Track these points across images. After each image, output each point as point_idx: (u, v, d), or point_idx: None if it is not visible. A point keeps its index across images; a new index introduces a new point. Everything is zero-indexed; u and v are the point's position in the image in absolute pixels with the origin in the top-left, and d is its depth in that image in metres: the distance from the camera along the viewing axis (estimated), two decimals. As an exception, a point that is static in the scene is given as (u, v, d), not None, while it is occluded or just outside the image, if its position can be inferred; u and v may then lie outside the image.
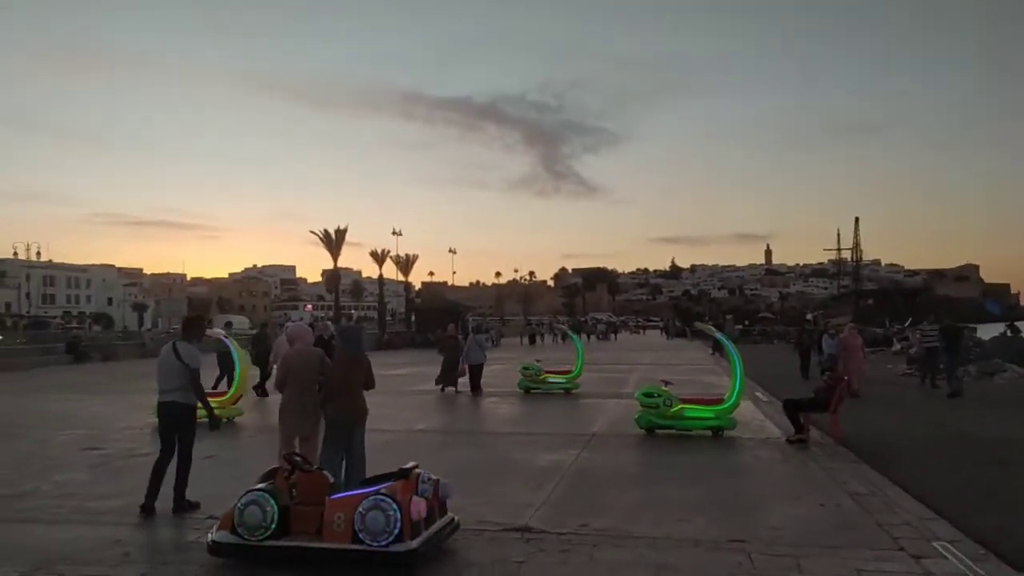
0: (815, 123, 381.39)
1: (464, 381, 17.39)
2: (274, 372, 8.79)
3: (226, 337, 12.92)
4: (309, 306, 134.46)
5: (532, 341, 50.54)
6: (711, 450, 9.87)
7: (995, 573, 5.09)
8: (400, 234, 61.32)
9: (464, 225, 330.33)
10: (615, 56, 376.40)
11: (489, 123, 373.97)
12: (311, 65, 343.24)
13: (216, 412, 12.17)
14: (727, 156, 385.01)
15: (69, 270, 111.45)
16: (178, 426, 6.94)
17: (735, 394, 11.02)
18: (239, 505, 5.12)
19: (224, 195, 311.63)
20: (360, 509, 4.95)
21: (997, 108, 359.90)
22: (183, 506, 6.73)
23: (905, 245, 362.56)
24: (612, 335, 65.58)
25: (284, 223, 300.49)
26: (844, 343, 16.73)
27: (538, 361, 18.40)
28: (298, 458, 5.64)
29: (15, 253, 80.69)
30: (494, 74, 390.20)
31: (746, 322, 72.90)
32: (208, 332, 14.00)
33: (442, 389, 17.65)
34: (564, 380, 17.51)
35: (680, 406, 11.04)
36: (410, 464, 5.45)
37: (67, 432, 11.68)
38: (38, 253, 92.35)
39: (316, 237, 52.04)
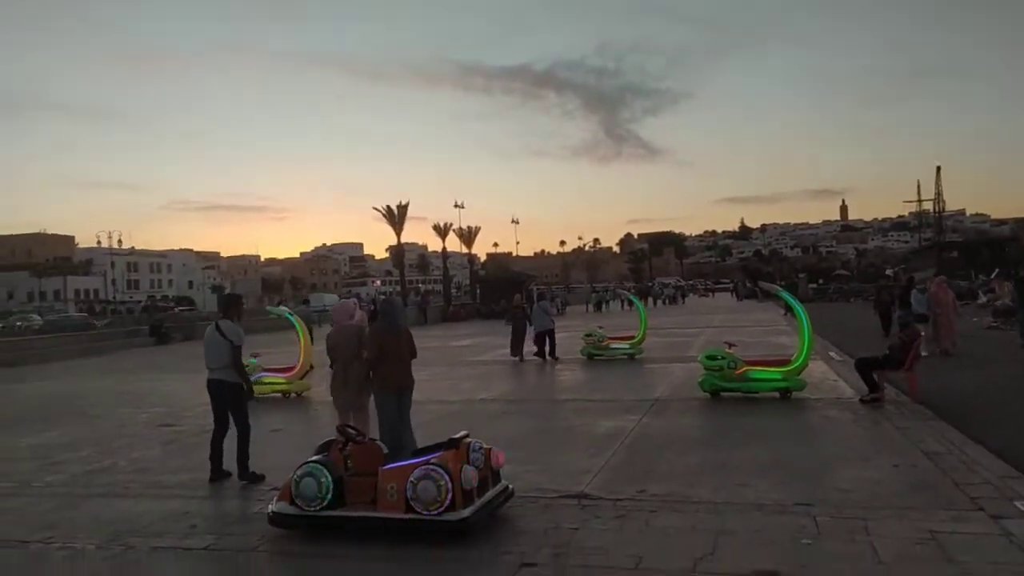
0: (891, 69, 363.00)
1: (530, 350, 17.45)
2: None
3: (290, 314, 13.23)
4: (377, 282, 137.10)
5: (599, 308, 50.20)
6: (778, 412, 9.57)
7: (1084, 535, 4.75)
8: (462, 207, 61.49)
9: (527, 195, 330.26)
10: (673, 14, 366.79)
11: (548, 90, 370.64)
12: (368, 40, 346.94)
13: (287, 388, 12.78)
14: (795, 110, 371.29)
15: (151, 256, 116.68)
16: (227, 402, 7.20)
17: (803, 354, 10.63)
18: (295, 477, 5.22)
19: (291, 176, 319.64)
20: (412, 479, 4.97)
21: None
22: (247, 478, 6.99)
23: (991, 193, 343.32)
24: (680, 299, 64.57)
25: (350, 200, 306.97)
26: (934, 298, 15.66)
27: (600, 328, 18.22)
28: (351, 430, 5.70)
29: (98, 242, 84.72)
30: (551, 41, 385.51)
31: (820, 281, 70.58)
32: (272, 309, 14.62)
33: (519, 359, 17.59)
34: (628, 346, 17.28)
35: (745, 368, 10.74)
36: (460, 433, 5.44)
37: (145, 410, 12.22)
38: (119, 241, 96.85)
39: (380, 214, 52.73)
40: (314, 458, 5.35)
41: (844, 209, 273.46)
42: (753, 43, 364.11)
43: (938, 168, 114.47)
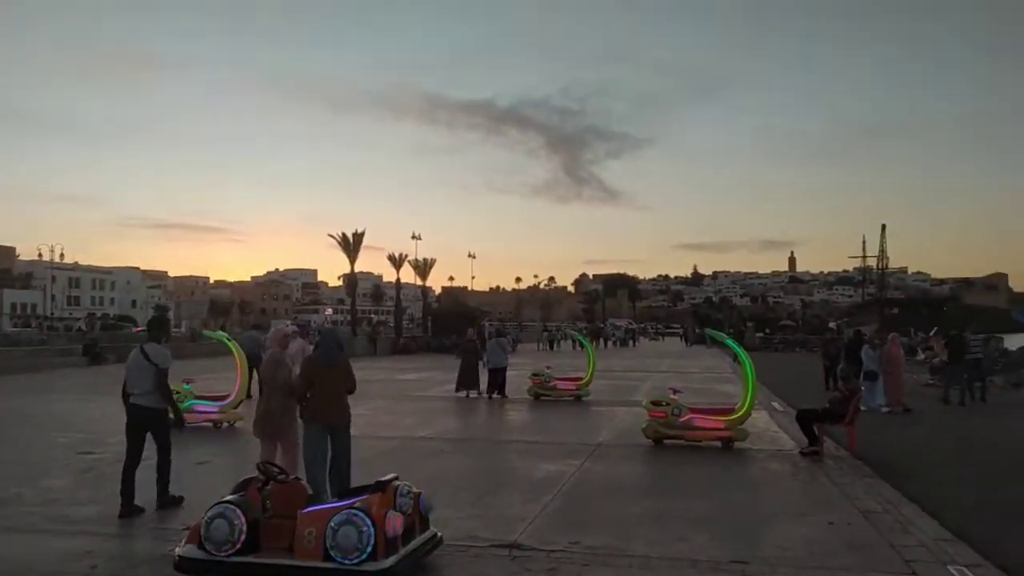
0: (841, 129, 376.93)
1: (482, 386, 17.27)
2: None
3: (229, 340, 12.77)
4: (329, 310, 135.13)
5: (551, 346, 50.16)
6: (719, 462, 9.48)
7: (1016, 603, 4.69)
8: (419, 238, 61.06)
9: (485, 230, 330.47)
10: (639, 61, 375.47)
11: (511, 127, 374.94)
12: (334, 70, 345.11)
13: (219, 418, 12.26)
14: (751, 162, 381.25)
15: (94, 272, 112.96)
16: (148, 429, 6.96)
17: (746, 404, 10.62)
18: (205, 518, 4.87)
19: (248, 199, 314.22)
20: (332, 524, 4.68)
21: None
22: (166, 502, 6.84)
23: (933, 254, 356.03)
24: (631, 342, 65.04)
25: (307, 227, 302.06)
26: (887, 355, 15.41)
27: (548, 368, 18.06)
28: (274, 468, 5.38)
29: (39, 255, 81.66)
30: (516, 78, 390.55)
31: (767, 330, 71.82)
32: (209, 334, 14.14)
33: (463, 394, 17.28)
34: (574, 387, 17.15)
35: (689, 416, 10.67)
36: (388, 476, 5.17)
37: (65, 435, 11.56)
38: (61, 255, 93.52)
39: (335, 241, 52.03)
40: (228, 497, 5.01)
41: (792, 261, 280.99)
42: (712, 94, 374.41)
43: (883, 226, 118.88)
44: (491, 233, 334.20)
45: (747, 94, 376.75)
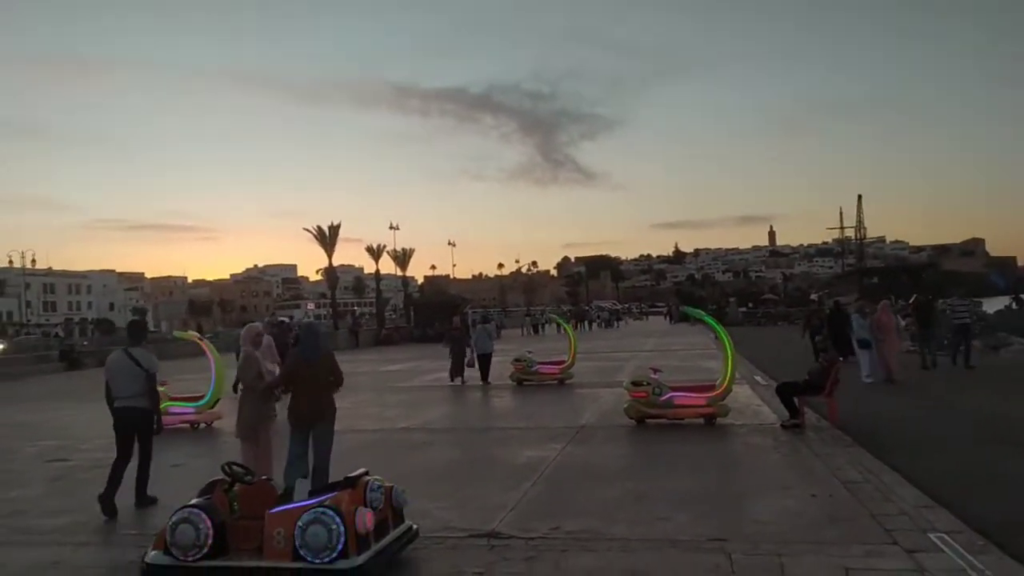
0: (814, 102, 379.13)
1: (471, 373, 17.39)
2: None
3: (201, 339, 12.56)
4: (311, 304, 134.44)
5: (536, 331, 50.16)
6: (701, 439, 9.46)
7: (996, 567, 4.67)
8: (397, 228, 60.81)
9: (464, 217, 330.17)
10: (608, 42, 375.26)
11: (484, 113, 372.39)
12: (303, 61, 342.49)
13: (195, 419, 12.08)
14: (726, 138, 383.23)
15: (69, 277, 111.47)
16: (136, 430, 7.05)
17: (726, 380, 10.59)
18: (170, 524, 4.74)
19: (222, 196, 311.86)
20: (300, 523, 4.56)
21: (1000, 79, 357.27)
22: (144, 502, 7.00)
23: (910, 222, 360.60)
24: (616, 322, 65.24)
25: (284, 222, 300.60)
26: (877, 323, 14.96)
27: (530, 352, 17.98)
28: (239, 468, 5.24)
29: (10, 262, 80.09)
30: (487, 64, 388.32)
31: (750, 304, 72.32)
32: (181, 335, 13.94)
33: (458, 382, 17.53)
34: (557, 371, 17.09)
35: (670, 394, 10.63)
36: (358, 471, 5.06)
37: (37, 443, 11.34)
38: (33, 261, 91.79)
39: (312, 235, 51.57)
40: (193, 501, 4.88)
41: (772, 235, 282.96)
42: (683, 72, 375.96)
43: (859, 196, 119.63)
44: (470, 220, 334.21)
45: (717, 71, 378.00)
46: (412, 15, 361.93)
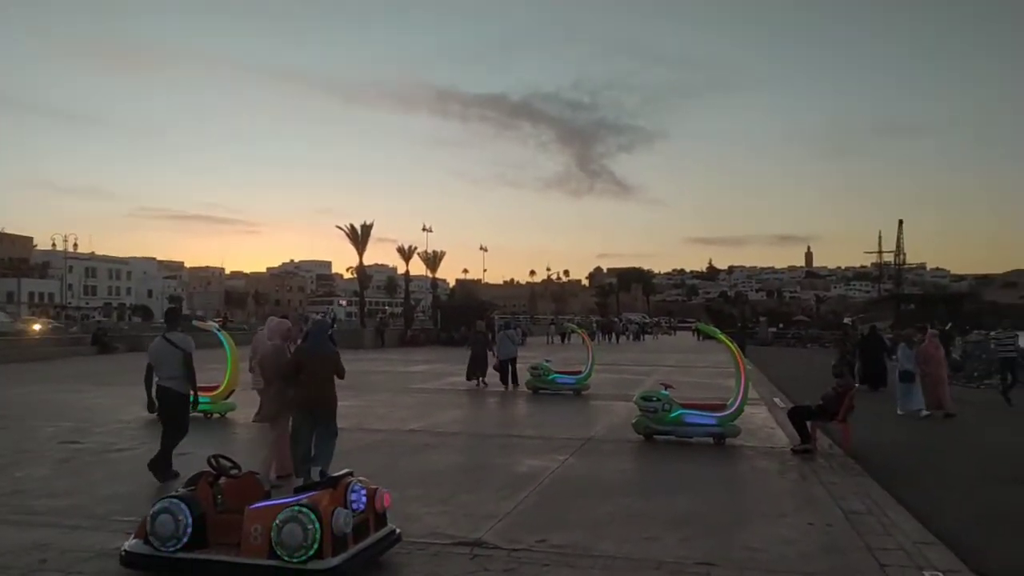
0: (859, 123, 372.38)
1: (493, 377, 17.92)
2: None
3: (218, 330, 12.68)
4: (343, 301, 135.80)
5: (563, 339, 49.85)
6: (706, 459, 9.28)
7: (989, 613, 4.47)
8: (430, 231, 61.17)
9: (498, 223, 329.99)
10: (651, 54, 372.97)
11: (523, 121, 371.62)
12: (347, 62, 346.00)
13: (210, 408, 12.20)
14: (766, 156, 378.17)
15: (110, 262, 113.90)
16: (174, 408, 7.75)
17: (739, 400, 10.39)
18: (151, 513, 4.75)
19: (264, 191, 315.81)
20: (277, 521, 4.54)
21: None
22: (168, 476, 7.56)
23: (952, 249, 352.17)
24: (643, 336, 64.69)
25: (321, 218, 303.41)
26: (924, 354, 14.00)
27: (547, 361, 17.89)
28: (225, 461, 5.25)
29: (53, 244, 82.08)
30: (528, 72, 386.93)
31: (780, 325, 71.28)
32: (200, 324, 14.07)
33: (476, 383, 18.06)
34: (574, 380, 16.97)
35: (680, 411, 10.46)
36: (342, 471, 5.03)
37: (55, 424, 11.54)
38: (75, 244, 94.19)
39: (344, 233, 52.02)
40: (175, 492, 4.89)
41: (809, 256, 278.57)
42: (725, 87, 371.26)
43: (900, 221, 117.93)
44: (504, 226, 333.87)
45: (761, 87, 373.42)
46: (456, 20, 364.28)
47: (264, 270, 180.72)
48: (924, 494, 7.48)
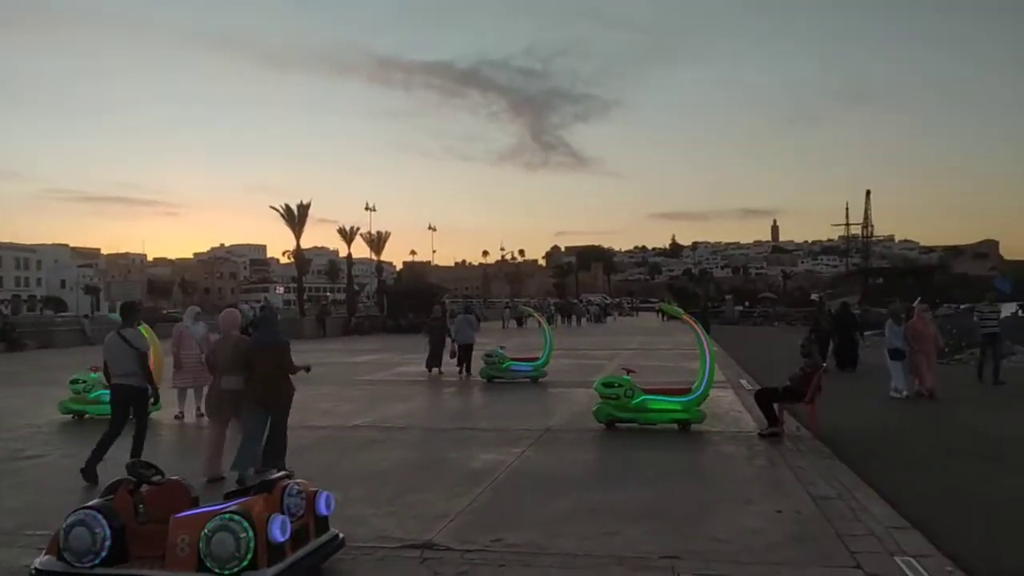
0: (824, 91, 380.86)
1: (450, 365, 18.32)
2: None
3: (139, 323, 12.34)
4: (280, 288, 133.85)
5: (519, 323, 50.06)
6: (671, 447, 9.41)
7: (960, 596, 4.64)
8: (374, 210, 60.48)
9: (448, 200, 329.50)
10: (606, 18, 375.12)
11: (472, 89, 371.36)
12: (278, 26, 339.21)
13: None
14: (729, 126, 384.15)
15: (17, 250, 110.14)
16: (132, 405, 8.02)
17: (704, 383, 10.55)
18: (64, 526, 4.60)
19: (188, 169, 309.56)
20: (206, 530, 4.44)
21: (1020, 76, 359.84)
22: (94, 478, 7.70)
23: (921, 221, 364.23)
24: (604, 317, 65.38)
25: (253, 198, 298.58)
26: (913, 330, 14.12)
27: (502, 347, 17.92)
28: (145, 469, 5.10)
29: (-48, 232, 78.98)
30: (476, 37, 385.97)
31: (746, 303, 72.75)
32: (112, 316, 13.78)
33: (431, 371, 18.66)
34: (530, 367, 17.04)
35: (643, 397, 10.58)
36: (278, 474, 4.94)
37: (-45, 431, 11.12)
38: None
39: (279, 214, 51.15)
40: (91, 503, 4.75)
41: (775, 230, 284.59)
42: (685, 54, 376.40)
43: (868, 192, 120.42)
44: (454, 204, 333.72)
45: (723, 54, 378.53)
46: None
47: (191, 256, 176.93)
48: (893, 476, 7.70)
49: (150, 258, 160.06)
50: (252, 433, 7.55)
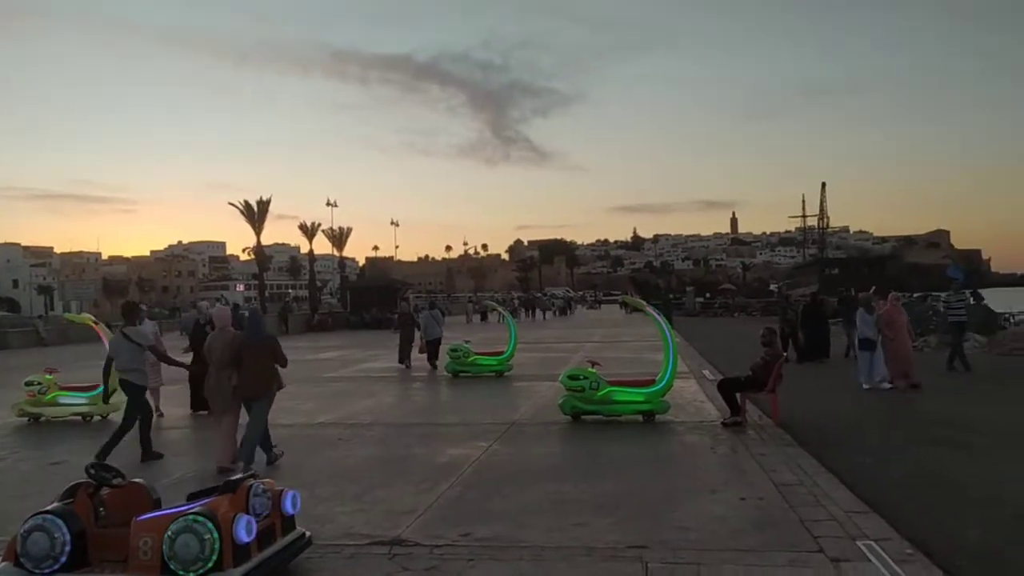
0: (781, 85, 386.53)
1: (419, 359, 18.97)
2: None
3: (96, 323, 12.09)
4: (241, 286, 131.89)
5: (483, 318, 50.07)
6: (635, 438, 9.49)
7: (920, 577, 4.74)
8: (335, 205, 60.13)
9: (410, 195, 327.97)
10: (565, 13, 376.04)
11: (431, 84, 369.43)
12: (236, 20, 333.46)
13: (88, 410, 11.67)
14: (689, 119, 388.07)
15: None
16: (128, 398, 8.77)
17: (667, 374, 10.65)
18: (22, 532, 4.48)
19: (144, 164, 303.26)
20: (169, 532, 4.36)
21: (969, 69, 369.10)
22: (150, 456, 8.70)
23: (875, 212, 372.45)
24: (568, 311, 65.71)
25: (212, 194, 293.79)
26: (887, 318, 13.75)
27: (467, 342, 17.89)
28: (105, 472, 4.98)
29: None
30: (434, 30, 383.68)
31: (707, 295, 73.60)
32: (72, 318, 13.62)
33: (407, 366, 19.05)
34: (495, 361, 17.04)
35: (608, 389, 10.64)
36: (241, 474, 4.87)
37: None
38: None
39: (238, 210, 50.40)
40: (49, 507, 4.63)
41: (735, 222, 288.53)
42: (645, 48, 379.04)
43: (823, 184, 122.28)
44: (416, 199, 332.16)
45: (682, 48, 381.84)
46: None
47: (148, 253, 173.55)
48: (853, 462, 7.84)
49: (105, 256, 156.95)
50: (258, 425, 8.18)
